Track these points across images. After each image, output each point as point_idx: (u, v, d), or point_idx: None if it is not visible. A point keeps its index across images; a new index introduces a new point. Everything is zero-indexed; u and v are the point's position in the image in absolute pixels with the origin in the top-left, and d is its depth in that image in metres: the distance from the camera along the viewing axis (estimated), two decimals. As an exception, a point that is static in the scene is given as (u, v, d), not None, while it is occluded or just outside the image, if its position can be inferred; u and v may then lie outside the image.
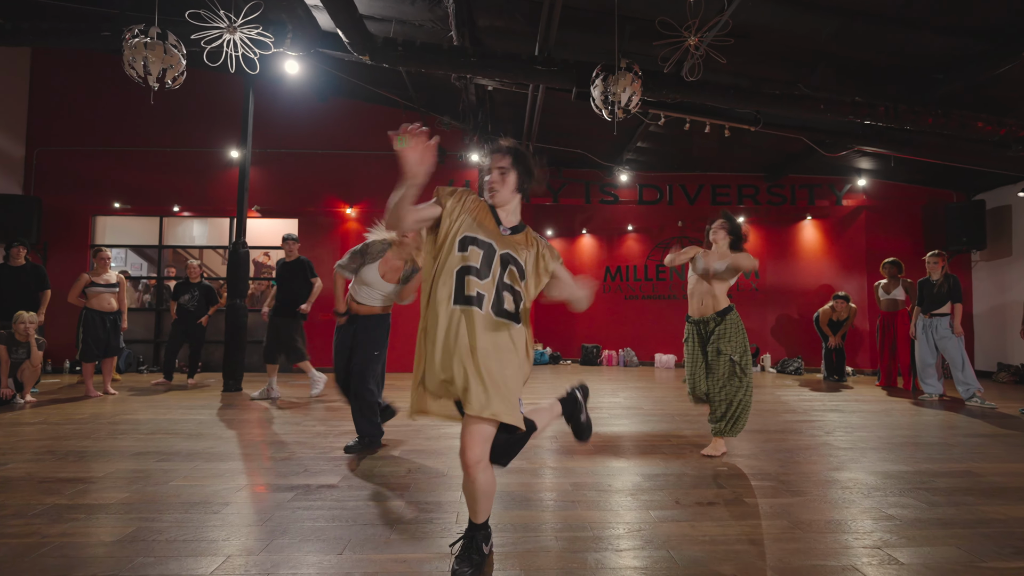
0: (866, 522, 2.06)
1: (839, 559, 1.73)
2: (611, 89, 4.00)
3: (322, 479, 2.55)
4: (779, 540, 1.89)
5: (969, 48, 4.47)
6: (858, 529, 1.99)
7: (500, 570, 1.64)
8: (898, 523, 2.04)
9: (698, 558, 1.74)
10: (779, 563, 1.70)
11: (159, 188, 7.58)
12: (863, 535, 1.93)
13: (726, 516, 2.11)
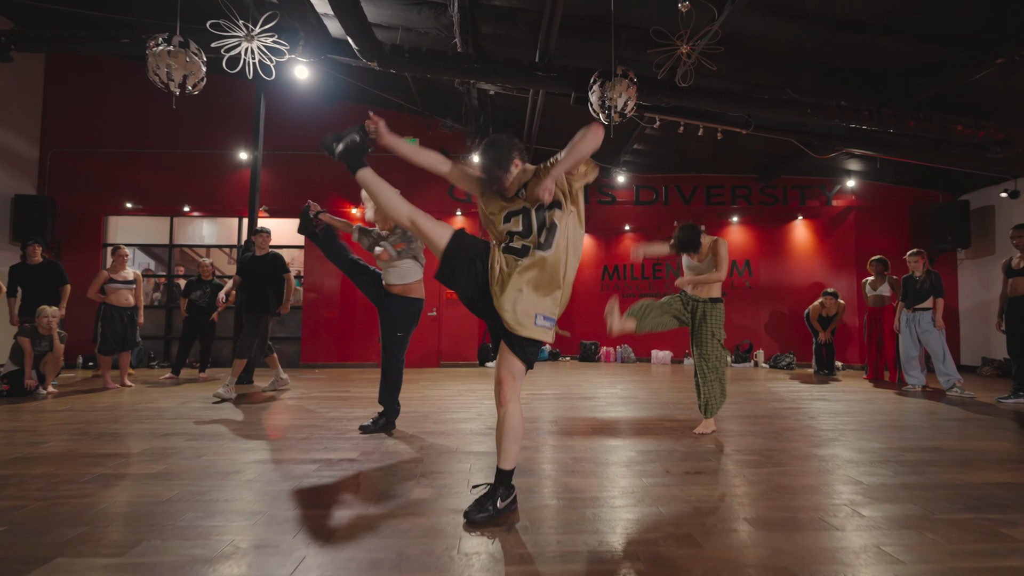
0: (837, 486, 2.29)
1: (809, 513, 1.96)
2: (608, 94, 4.24)
3: (341, 455, 2.77)
4: (758, 499, 2.11)
5: (947, 56, 4.72)
6: (829, 492, 2.22)
7: (507, 522, 1.86)
8: (866, 487, 2.27)
9: (684, 511, 1.96)
10: (756, 516, 1.93)
11: (170, 189, 7.81)
12: (833, 496, 2.16)
13: (711, 482, 2.34)
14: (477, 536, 1.73)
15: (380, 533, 1.75)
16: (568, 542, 1.69)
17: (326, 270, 7.98)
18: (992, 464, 2.67)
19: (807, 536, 1.75)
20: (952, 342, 7.96)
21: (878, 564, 1.55)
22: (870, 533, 1.77)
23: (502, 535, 1.75)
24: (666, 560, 1.57)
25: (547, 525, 1.83)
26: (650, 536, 1.75)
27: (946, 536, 1.75)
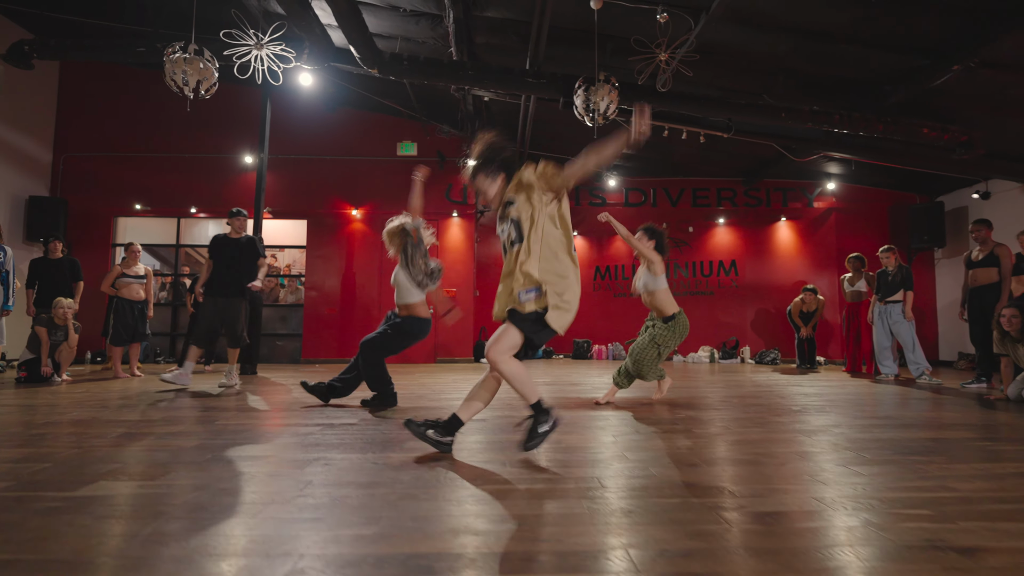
0: (782, 435, 2.56)
1: (756, 452, 2.24)
2: (591, 99, 4.56)
3: (343, 420, 3.04)
4: (735, 443, 2.39)
5: (910, 63, 5.06)
6: (775, 440, 2.50)
7: (502, 462, 2.14)
8: (811, 439, 2.55)
9: (673, 453, 2.24)
10: (730, 453, 2.21)
11: (177, 191, 8.12)
12: (778, 444, 2.44)
13: (694, 436, 2.61)
14: (468, 467, 2.01)
15: (377, 465, 2.03)
16: (540, 471, 1.97)
17: (327, 269, 8.28)
18: (931, 427, 2.95)
19: (753, 466, 2.03)
20: (930, 338, 8.25)
21: (808, 485, 1.83)
22: (804, 463, 2.05)
23: (494, 467, 2.02)
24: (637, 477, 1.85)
25: (536, 461, 2.11)
26: (615, 466, 2.03)
27: (868, 470, 2.03)
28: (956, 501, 1.65)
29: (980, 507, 1.59)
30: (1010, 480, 1.88)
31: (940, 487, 1.80)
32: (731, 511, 1.54)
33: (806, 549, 1.28)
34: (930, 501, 1.64)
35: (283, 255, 9.94)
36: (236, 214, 5.00)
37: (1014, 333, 3.89)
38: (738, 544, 1.31)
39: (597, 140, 2.18)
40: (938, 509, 1.57)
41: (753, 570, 1.17)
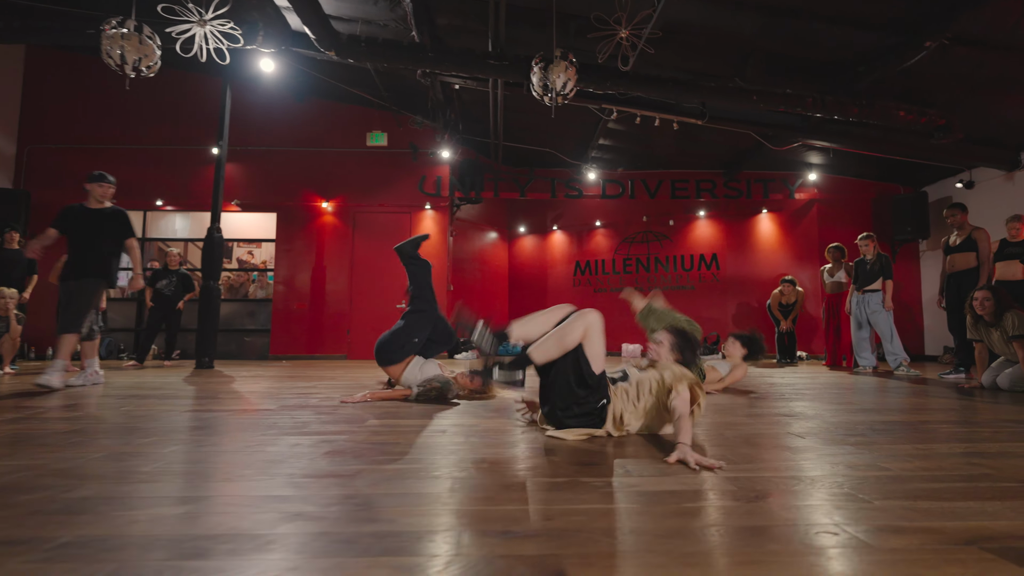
0: (739, 417, 2.36)
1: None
2: (548, 76, 4.38)
3: (319, 394, 2.84)
4: (720, 415, 2.19)
5: (882, 41, 4.88)
6: (729, 423, 2.30)
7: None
8: (762, 422, 2.35)
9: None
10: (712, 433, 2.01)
11: (143, 183, 7.93)
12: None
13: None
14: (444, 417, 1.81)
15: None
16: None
17: (297, 263, 8.09)
18: (886, 412, 2.75)
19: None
20: (916, 333, 8.05)
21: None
22: (729, 442, 1.85)
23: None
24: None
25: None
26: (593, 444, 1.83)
27: (817, 451, 1.83)
28: (884, 480, 1.45)
29: (907, 486, 1.39)
30: (950, 459, 1.68)
31: (871, 466, 1.60)
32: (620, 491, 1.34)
33: (679, 530, 1.08)
34: (854, 480, 1.44)
35: (260, 251, 9.76)
36: (98, 178, 4.21)
37: (987, 317, 3.69)
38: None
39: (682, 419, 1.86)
40: (858, 487, 1.36)
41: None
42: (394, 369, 3.34)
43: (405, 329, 3.37)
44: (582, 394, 2.02)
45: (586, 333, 2.05)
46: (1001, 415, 2.62)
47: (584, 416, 2.03)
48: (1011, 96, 5.39)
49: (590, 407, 2.03)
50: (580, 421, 2.03)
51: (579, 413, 2.03)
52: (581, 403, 2.03)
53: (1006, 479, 1.46)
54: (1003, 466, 1.59)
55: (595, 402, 2.03)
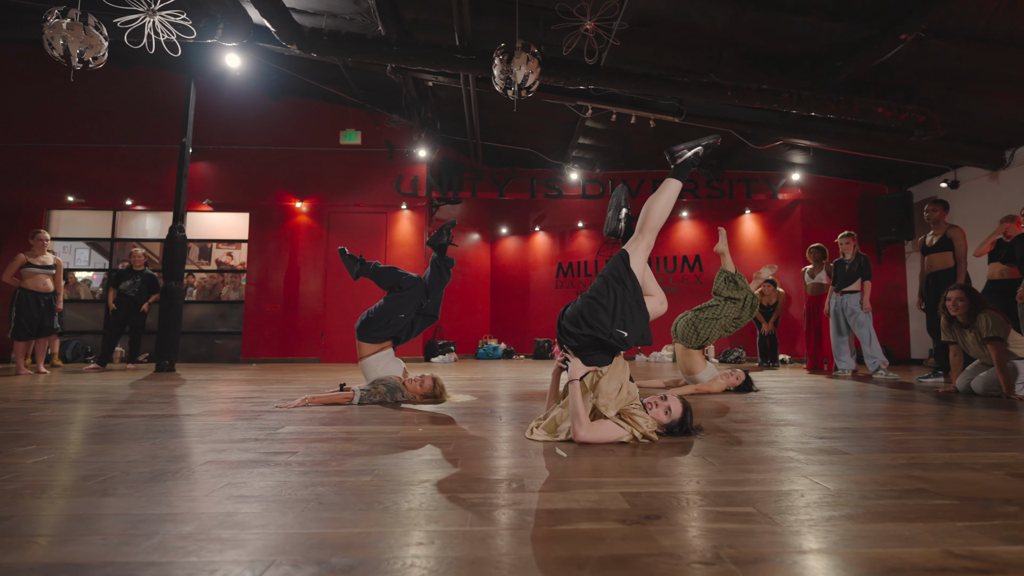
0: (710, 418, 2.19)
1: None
2: (510, 69, 4.22)
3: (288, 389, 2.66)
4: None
5: (857, 33, 4.73)
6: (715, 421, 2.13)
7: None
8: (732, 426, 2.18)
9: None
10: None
11: (113, 183, 7.77)
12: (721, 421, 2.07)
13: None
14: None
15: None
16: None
17: (269, 264, 7.92)
18: (848, 417, 2.58)
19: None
20: (903, 336, 7.89)
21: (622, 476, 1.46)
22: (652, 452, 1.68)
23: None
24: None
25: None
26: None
27: (745, 463, 1.66)
28: (805, 497, 1.28)
29: (827, 504, 1.22)
30: (888, 472, 1.51)
31: (799, 481, 1.43)
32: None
33: (519, 564, 0.92)
34: (770, 498, 1.27)
35: (239, 252, 9.58)
36: None
37: (960, 318, 3.53)
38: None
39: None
40: (771, 506, 1.20)
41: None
42: (367, 347, 3.33)
43: (389, 305, 3.31)
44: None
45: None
46: (964, 422, 2.46)
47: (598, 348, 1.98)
48: (992, 92, 5.25)
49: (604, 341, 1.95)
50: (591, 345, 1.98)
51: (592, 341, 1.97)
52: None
53: (940, 494, 1.29)
54: (942, 480, 1.42)
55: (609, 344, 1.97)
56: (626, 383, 1.99)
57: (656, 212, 2.13)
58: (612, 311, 1.94)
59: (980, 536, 1.02)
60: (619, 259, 2.05)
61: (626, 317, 1.96)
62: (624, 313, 1.96)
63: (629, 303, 1.97)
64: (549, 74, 5.03)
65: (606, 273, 2.04)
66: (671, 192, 2.18)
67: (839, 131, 6.43)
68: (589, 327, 1.94)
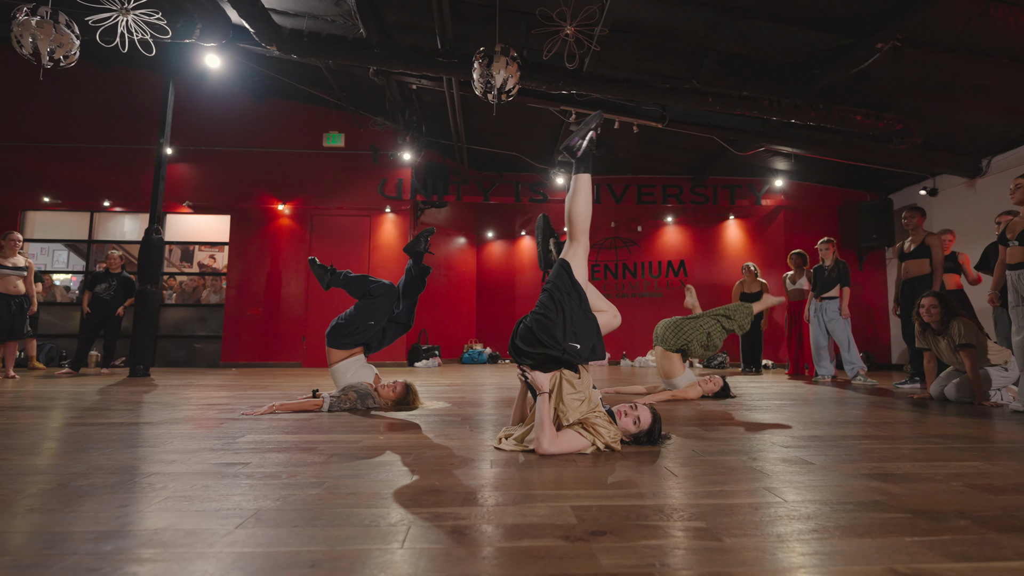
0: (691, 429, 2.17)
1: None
2: (489, 73, 4.20)
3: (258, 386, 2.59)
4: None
5: (835, 42, 4.77)
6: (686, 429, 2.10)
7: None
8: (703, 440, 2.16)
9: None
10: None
11: (91, 183, 7.64)
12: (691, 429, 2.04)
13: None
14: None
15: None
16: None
17: (250, 266, 7.82)
18: (818, 424, 2.57)
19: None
20: (883, 342, 7.96)
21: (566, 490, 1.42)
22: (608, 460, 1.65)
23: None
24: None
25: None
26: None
27: (708, 475, 1.63)
28: (758, 513, 1.25)
29: (779, 520, 1.20)
30: (849, 483, 1.50)
31: (758, 493, 1.41)
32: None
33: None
34: (721, 513, 1.25)
35: (223, 255, 9.45)
36: None
37: (934, 325, 3.55)
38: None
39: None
40: (721, 522, 1.17)
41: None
42: (336, 354, 3.28)
43: (359, 312, 3.28)
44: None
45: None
46: (934, 429, 2.46)
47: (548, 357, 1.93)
48: (966, 100, 5.32)
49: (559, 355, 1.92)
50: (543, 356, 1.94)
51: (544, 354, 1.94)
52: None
53: (895, 508, 1.27)
54: (900, 492, 1.41)
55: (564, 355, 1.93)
56: (589, 392, 1.97)
57: (580, 214, 2.13)
58: (563, 325, 1.91)
59: (927, 552, 1.00)
60: (561, 269, 2.02)
61: (577, 329, 1.93)
62: (574, 325, 1.93)
63: (577, 314, 1.95)
64: (531, 79, 5.02)
65: (551, 287, 2.01)
66: (585, 188, 2.17)
67: (820, 138, 6.49)
68: (542, 345, 1.90)
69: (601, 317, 2.05)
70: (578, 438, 1.86)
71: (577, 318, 1.93)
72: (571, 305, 1.93)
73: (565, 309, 1.92)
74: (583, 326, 1.94)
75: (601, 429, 1.87)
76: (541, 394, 1.85)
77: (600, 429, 1.87)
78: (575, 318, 1.93)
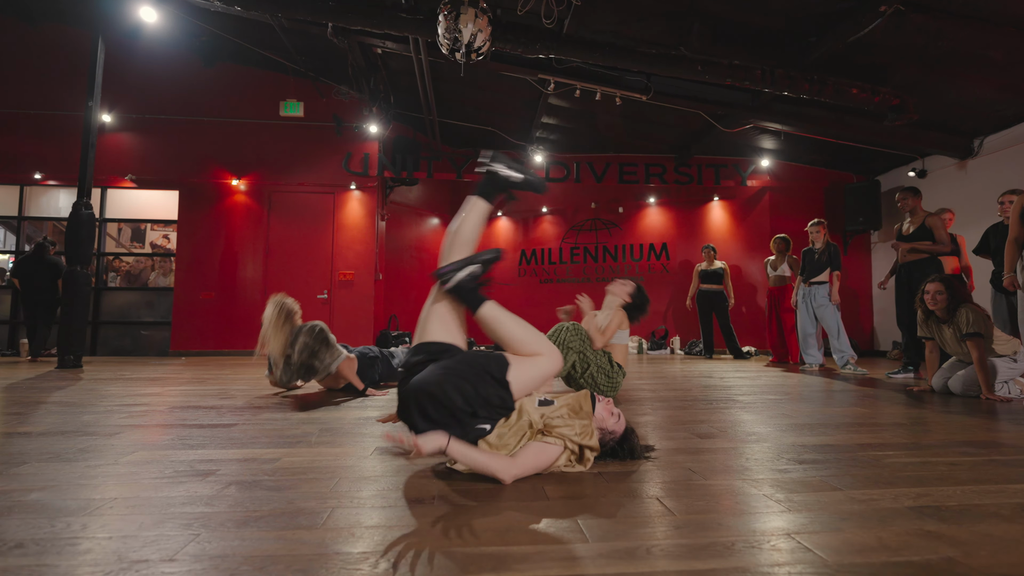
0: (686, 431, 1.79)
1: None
2: (456, 27, 3.72)
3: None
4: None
5: (834, 5, 4.41)
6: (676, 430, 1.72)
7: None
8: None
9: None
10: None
11: (18, 154, 6.90)
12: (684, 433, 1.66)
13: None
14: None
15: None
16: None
17: (202, 247, 7.21)
18: (827, 428, 2.24)
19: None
20: (865, 328, 7.81)
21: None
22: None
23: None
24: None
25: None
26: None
27: (710, 499, 1.26)
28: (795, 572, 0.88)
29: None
30: (898, 523, 1.14)
31: (786, 536, 1.03)
32: None
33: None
34: (734, 586, 0.87)
35: (177, 235, 8.78)
36: None
37: (939, 312, 3.26)
38: None
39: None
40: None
41: None
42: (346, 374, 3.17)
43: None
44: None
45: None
46: (958, 432, 2.15)
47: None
48: (967, 73, 5.03)
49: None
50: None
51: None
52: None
53: (977, 569, 0.91)
54: (970, 539, 1.05)
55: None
56: (524, 404, 1.57)
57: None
58: (471, 398, 1.48)
59: None
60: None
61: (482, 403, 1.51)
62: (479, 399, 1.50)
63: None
64: (505, 40, 4.53)
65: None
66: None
67: (810, 114, 6.17)
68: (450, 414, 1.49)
69: (533, 364, 1.62)
70: (544, 448, 1.47)
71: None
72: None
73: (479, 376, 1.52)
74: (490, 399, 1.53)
75: (564, 429, 1.48)
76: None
77: (562, 429, 1.48)
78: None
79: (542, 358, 1.62)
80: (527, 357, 1.61)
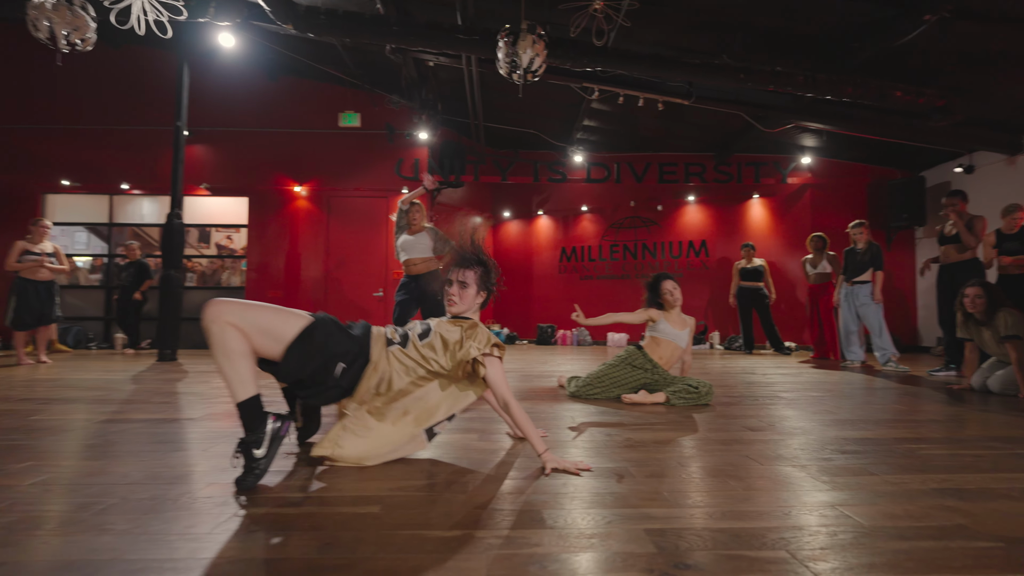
0: (733, 427, 2.13)
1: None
2: (515, 52, 4.04)
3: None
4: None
5: (877, 13, 4.52)
6: (726, 427, 2.06)
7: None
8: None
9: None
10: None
11: (107, 166, 7.60)
12: (733, 428, 2.01)
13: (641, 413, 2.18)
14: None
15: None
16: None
17: (269, 249, 7.81)
18: (867, 423, 2.51)
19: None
20: (911, 323, 7.82)
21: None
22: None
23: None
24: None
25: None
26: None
27: (759, 482, 1.59)
28: (838, 533, 1.21)
29: (862, 542, 1.15)
30: (922, 501, 1.44)
31: (825, 506, 1.36)
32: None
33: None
34: (791, 535, 1.21)
35: (239, 236, 9.45)
36: None
37: (978, 315, 3.44)
38: None
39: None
40: (802, 548, 1.13)
41: None
42: None
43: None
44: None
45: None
46: (990, 429, 2.40)
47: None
48: (1015, 73, 5.05)
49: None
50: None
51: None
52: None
53: (983, 534, 1.22)
54: (981, 512, 1.36)
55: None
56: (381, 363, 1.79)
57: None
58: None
59: (1036, 595, 0.96)
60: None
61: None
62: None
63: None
64: (555, 56, 4.83)
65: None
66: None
67: (852, 114, 6.23)
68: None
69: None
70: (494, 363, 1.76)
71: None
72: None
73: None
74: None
75: (471, 342, 1.75)
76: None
77: (463, 341, 1.77)
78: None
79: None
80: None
